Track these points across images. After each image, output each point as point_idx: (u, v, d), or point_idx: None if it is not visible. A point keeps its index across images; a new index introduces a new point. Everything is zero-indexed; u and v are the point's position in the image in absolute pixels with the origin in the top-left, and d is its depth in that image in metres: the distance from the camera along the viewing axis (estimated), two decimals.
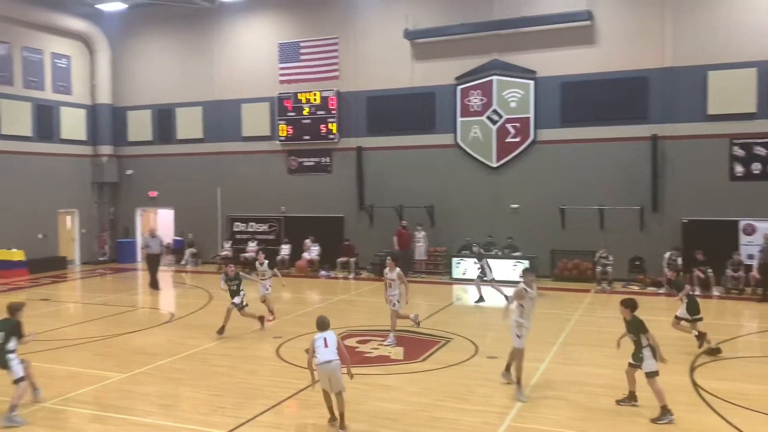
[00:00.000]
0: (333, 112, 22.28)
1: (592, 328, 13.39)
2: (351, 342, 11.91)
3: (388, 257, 12.73)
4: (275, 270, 14.73)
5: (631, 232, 18.81)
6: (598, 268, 17.91)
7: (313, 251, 21.64)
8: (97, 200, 25.72)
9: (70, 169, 24.40)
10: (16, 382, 8.25)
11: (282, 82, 23.03)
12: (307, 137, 22.69)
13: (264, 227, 23.60)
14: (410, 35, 21.08)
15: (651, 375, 7.92)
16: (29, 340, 8.74)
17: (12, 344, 8.31)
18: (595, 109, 19.13)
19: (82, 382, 9.73)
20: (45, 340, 12.48)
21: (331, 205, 22.45)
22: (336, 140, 22.40)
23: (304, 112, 22.63)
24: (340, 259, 21.31)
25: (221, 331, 12.48)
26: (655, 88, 18.64)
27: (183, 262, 24.09)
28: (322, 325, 7.95)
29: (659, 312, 13.64)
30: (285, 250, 22.05)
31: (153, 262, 18.78)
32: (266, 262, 14.39)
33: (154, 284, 18.75)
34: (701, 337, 10.99)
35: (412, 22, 21.03)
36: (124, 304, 16.23)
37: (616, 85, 18.88)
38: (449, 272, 20.09)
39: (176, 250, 24.89)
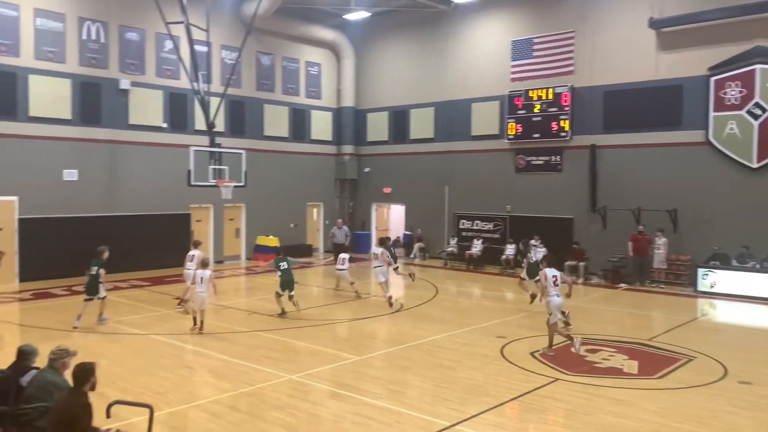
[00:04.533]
0: (566, 108, 21.47)
1: None
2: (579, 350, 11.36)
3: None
4: None
5: None
6: None
7: (538, 253, 21.05)
8: (339, 195, 28.09)
9: (317, 167, 27.00)
10: (102, 299, 13.01)
11: (513, 79, 22.81)
12: (536, 135, 22.18)
13: (489, 226, 23.64)
14: (656, 24, 19.41)
15: None
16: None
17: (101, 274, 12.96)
18: None
19: (322, 360, 10.66)
20: (294, 318, 13.98)
21: (559, 206, 21.68)
22: (568, 138, 21.56)
23: (535, 110, 22.15)
24: (568, 263, 20.46)
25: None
26: None
27: (411, 256, 25.20)
28: None
29: None
30: (509, 250, 21.83)
31: (338, 251, 20.18)
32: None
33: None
34: None
35: (658, 9, 19.36)
36: (358, 291, 17.40)
37: None
38: (693, 284, 18.13)
39: (405, 243, 26.16)
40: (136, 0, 20.49)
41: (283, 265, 14.57)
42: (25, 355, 6.40)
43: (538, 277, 13.04)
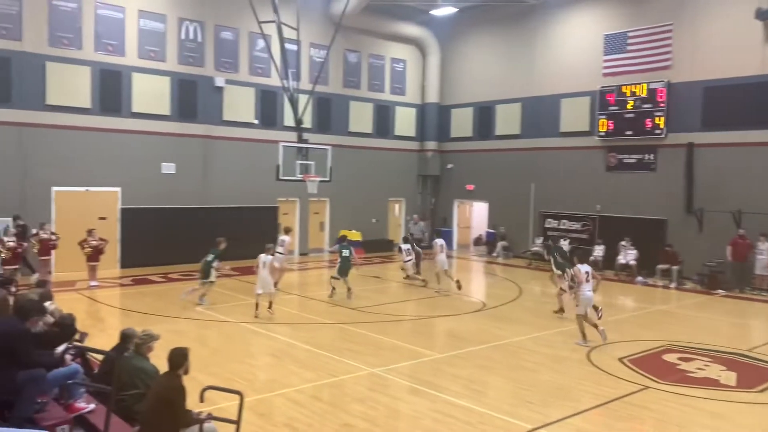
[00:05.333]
0: (661, 105, 20.50)
1: None
2: (671, 358, 10.86)
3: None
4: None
5: None
6: None
7: (629, 255, 20.28)
8: (421, 191, 28.11)
9: (400, 163, 27.13)
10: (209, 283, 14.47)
11: (606, 75, 21.99)
12: (629, 132, 21.30)
13: (577, 225, 22.95)
14: (764, 15, 18.15)
15: None
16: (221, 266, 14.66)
17: (215, 263, 14.44)
18: None
19: (403, 355, 10.73)
20: (374, 312, 14.16)
21: (652, 206, 20.74)
22: (663, 135, 20.57)
23: (628, 106, 21.28)
24: (660, 266, 19.57)
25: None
26: None
27: (494, 254, 24.86)
28: None
29: None
30: (598, 251, 21.10)
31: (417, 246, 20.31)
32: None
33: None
34: None
35: None
36: (439, 288, 17.35)
37: None
38: None
39: (488, 242, 25.84)
40: (231, 0, 21.28)
41: (345, 252, 15.78)
42: (127, 338, 6.81)
43: (559, 272, 14.37)
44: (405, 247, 18.12)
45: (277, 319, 13.41)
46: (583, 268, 12.04)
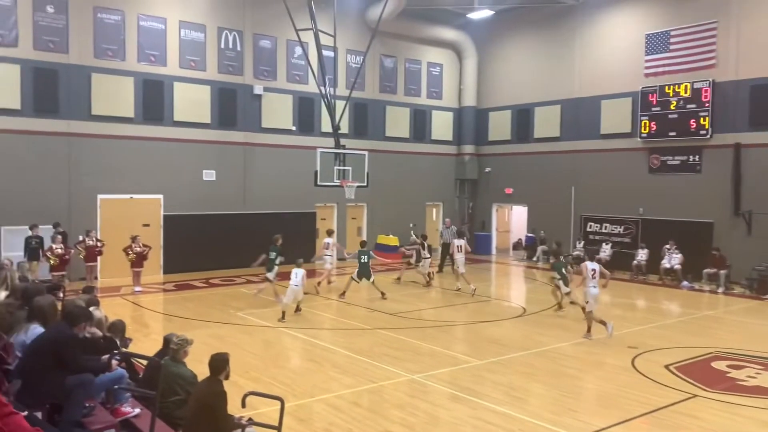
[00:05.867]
0: (706, 104, 19.95)
1: None
2: (720, 365, 10.52)
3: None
4: None
5: None
6: None
7: (674, 259, 19.75)
8: (459, 195, 27.94)
9: (437, 167, 27.02)
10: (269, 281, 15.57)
11: (647, 75, 21.51)
12: (672, 133, 20.79)
13: (619, 229, 22.48)
14: None
15: None
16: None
17: (278, 260, 15.37)
18: None
19: (442, 361, 10.65)
20: (413, 318, 14.11)
21: (698, 209, 20.18)
22: (708, 136, 20.01)
23: (671, 106, 20.77)
24: (706, 270, 19.01)
25: None
26: None
27: (535, 259, 24.53)
28: None
29: None
30: (642, 255, 20.64)
31: (445, 250, 20.54)
32: None
33: (441, 268, 21.39)
34: None
35: None
36: (479, 293, 17.21)
37: None
38: None
39: (528, 246, 25.52)
40: (269, 9, 21.56)
41: (364, 258, 16.55)
42: (170, 343, 6.91)
43: (555, 275, 14.98)
44: (330, 241, 18.20)
45: (316, 324, 13.49)
46: (591, 265, 12.59)
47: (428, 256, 18.85)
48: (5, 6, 17.19)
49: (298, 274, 13.80)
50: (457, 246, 17.89)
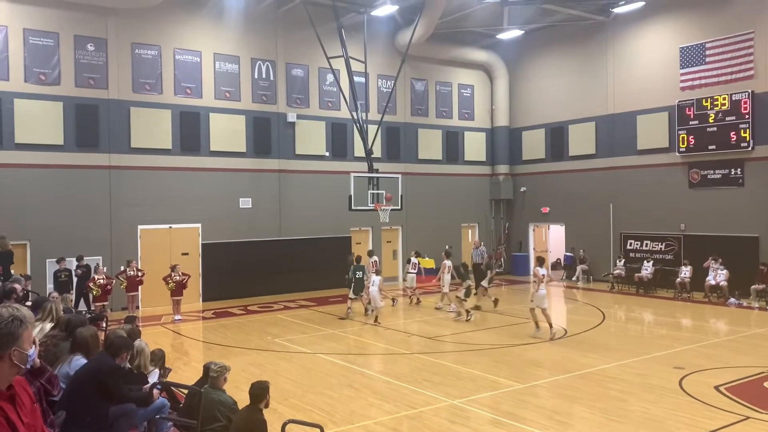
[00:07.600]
0: (746, 116, 19.48)
1: None
2: None
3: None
4: None
5: None
6: None
7: (719, 275, 19.16)
8: (494, 216, 27.71)
9: (471, 188, 26.90)
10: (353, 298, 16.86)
11: (683, 88, 21.15)
12: (712, 147, 20.32)
13: (660, 246, 21.95)
14: None
15: None
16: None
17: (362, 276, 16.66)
18: None
19: (482, 386, 10.46)
20: (451, 342, 13.95)
21: (742, 223, 19.60)
22: (749, 148, 19.50)
23: (710, 119, 20.34)
24: (755, 287, 18.38)
25: None
26: None
27: (574, 278, 24.09)
28: None
29: None
30: (685, 272, 20.07)
31: (475, 271, 20.16)
32: None
33: (474, 290, 20.67)
34: None
35: None
36: (518, 315, 16.95)
37: None
38: None
39: (567, 265, 25.10)
40: (301, 38, 21.95)
41: (359, 274, 17.12)
42: (209, 371, 6.95)
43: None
44: (413, 261, 19.79)
45: (353, 349, 13.43)
46: (542, 271, 14.34)
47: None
48: (49, 46, 17.88)
49: (375, 282, 15.85)
50: (447, 267, 18.40)
